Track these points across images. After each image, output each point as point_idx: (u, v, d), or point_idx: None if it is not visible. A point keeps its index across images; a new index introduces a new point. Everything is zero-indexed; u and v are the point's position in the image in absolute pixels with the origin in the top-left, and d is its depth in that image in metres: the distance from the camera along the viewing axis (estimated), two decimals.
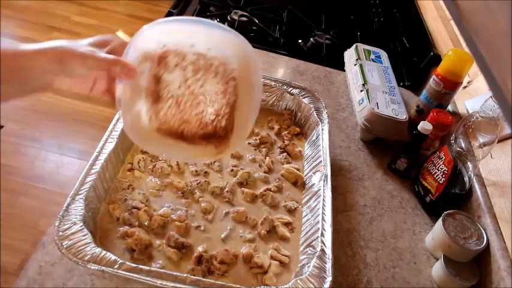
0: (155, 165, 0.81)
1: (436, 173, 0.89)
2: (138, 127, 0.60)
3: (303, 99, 1.00)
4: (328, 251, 0.68)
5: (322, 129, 0.93)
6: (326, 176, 0.81)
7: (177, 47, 0.59)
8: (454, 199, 0.89)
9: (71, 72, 0.55)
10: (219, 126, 0.60)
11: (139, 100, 0.59)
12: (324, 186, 0.80)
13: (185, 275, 0.62)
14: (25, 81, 0.54)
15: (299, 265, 0.71)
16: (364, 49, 1.24)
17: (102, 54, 0.56)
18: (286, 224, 0.78)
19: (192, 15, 1.34)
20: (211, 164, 0.85)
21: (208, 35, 0.59)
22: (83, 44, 0.56)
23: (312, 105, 0.98)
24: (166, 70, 0.59)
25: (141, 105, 0.59)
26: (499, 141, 0.85)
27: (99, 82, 0.61)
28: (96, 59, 0.55)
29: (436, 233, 0.82)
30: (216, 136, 0.61)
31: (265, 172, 0.87)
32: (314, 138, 0.94)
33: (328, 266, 0.66)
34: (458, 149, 0.86)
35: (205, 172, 0.83)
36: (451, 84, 1.04)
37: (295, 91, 1.01)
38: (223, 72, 0.60)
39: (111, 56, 0.56)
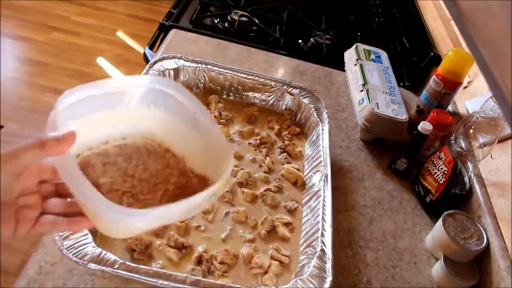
0: None
1: (436, 173, 0.89)
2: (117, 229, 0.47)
3: (303, 99, 1.00)
4: (328, 251, 0.68)
5: (322, 129, 0.93)
6: (326, 176, 0.81)
7: (92, 150, 0.50)
8: (454, 199, 0.89)
9: None
10: (193, 188, 0.51)
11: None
12: (324, 186, 0.80)
13: (185, 275, 0.62)
14: None
15: (299, 265, 0.71)
16: (364, 49, 1.24)
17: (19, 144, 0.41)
18: (286, 224, 0.78)
19: (192, 15, 1.34)
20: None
21: (114, 122, 0.51)
22: None
23: (312, 105, 0.98)
24: (98, 174, 0.49)
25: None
26: (499, 142, 0.85)
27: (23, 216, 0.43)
28: (18, 151, 0.41)
29: (436, 233, 0.82)
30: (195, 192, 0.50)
31: (265, 172, 0.87)
32: (314, 138, 0.94)
33: (328, 266, 0.66)
34: (458, 149, 0.86)
35: None
36: (451, 85, 1.04)
37: (295, 91, 1.01)
38: (154, 149, 0.53)
39: (32, 140, 0.42)
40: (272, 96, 1.02)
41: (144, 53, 1.30)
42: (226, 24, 1.36)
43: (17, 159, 0.40)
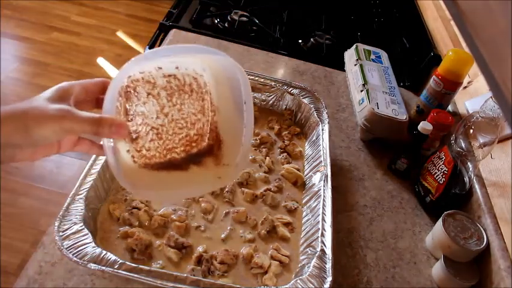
0: None
1: (436, 173, 0.89)
2: (127, 170, 0.53)
3: (303, 99, 1.00)
4: (328, 251, 0.68)
5: (322, 130, 0.93)
6: (326, 176, 0.81)
7: (144, 74, 0.54)
8: (454, 199, 0.89)
9: (40, 140, 0.45)
10: (201, 145, 0.54)
11: (119, 142, 0.53)
12: (324, 186, 0.80)
13: (185, 275, 0.62)
14: None
15: (299, 265, 0.71)
16: (364, 49, 1.24)
17: (81, 113, 0.47)
18: (286, 224, 0.78)
19: (193, 15, 1.34)
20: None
21: (172, 52, 0.55)
22: (45, 104, 0.45)
23: (312, 106, 0.98)
24: (138, 102, 0.53)
25: (121, 146, 0.53)
26: (499, 142, 0.85)
27: (67, 138, 0.52)
28: (76, 121, 0.46)
29: (436, 233, 0.82)
30: (201, 155, 0.55)
31: (265, 172, 0.87)
32: (314, 138, 0.94)
33: (328, 266, 0.66)
34: (458, 149, 0.86)
35: None
36: (451, 85, 1.04)
37: (295, 91, 1.01)
38: (198, 88, 0.55)
39: (92, 116, 0.47)
40: (272, 96, 1.02)
41: None
42: (226, 24, 1.36)
43: (70, 124, 0.46)
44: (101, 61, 2.67)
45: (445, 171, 0.87)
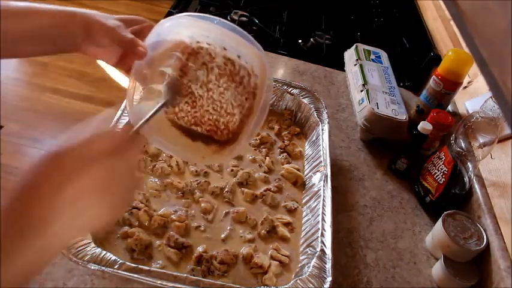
0: (155, 165, 0.81)
1: (436, 173, 0.89)
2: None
3: (303, 100, 1.00)
4: (328, 251, 0.68)
5: (322, 130, 0.93)
6: (326, 176, 0.81)
7: (210, 47, 0.58)
8: (454, 199, 0.89)
9: (94, 41, 0.56)
10: (224, 137, 0.60)
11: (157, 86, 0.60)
12: (324, 186, 0.80)
13: (185, 275, 0.62)
14: (53, 39, 0.56)
15: (299, 265, 0.71)
16: (364, 49, 1.24)
17: (124, 32, 0.57)
18: (286, 224, 0.78)
19: None
20: (211, 164, 0.85)
21: (239, 43, 0.58)
22: (111, 17, 0.58)
23: (312, 106, 0.98)
24: (193, 66, 0.59)
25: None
26: (499, 142, 0.85)
27: (127, 59, 0.60)
28: (117, 35, 0.56)
29: (436, 233, 0.82)
30: (214, 141, 0.61)
31: (265, 172, 0.87)
32: (314, 138, 0.94)
33: (328, 266, 0.66)
34: (458, 149, 0.86)
35: (205, 172, 0.83)
36: (451, 85, 1.04)
37: (295, 91, 1.01)
38: (247, 84, 0.59)
39: (129, 36, 0.57)
40: (272, 96, 1.02)
41: None
42: None
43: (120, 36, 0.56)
44: (101, 61, 2.67)
45: (445, 171, 0.87)
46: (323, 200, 0.77)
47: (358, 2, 1.70)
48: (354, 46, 1.26)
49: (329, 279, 0.64)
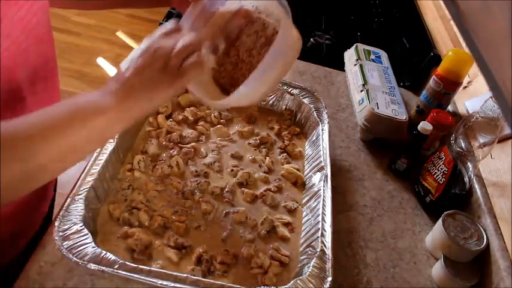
0: (155, 165, 0.81)
1: (436, 173, 0.89)
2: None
3: (303, 100, 1.00)
4: (328, 251, 0.68)
5: (322, 130, 0.93)
6: (326, 176, 0.81)
7: (266, 18, 0.64)
8: (454, 199, 0.89)
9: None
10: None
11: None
12: (324, 186, 0.80)
13: (185, 275, 0.62)
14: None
15: (299, 265, 0.71)
16: (364, 49, 1.24)
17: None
18: (286, 224, 0.78)
19: None
20: (211, 164, 0.85)
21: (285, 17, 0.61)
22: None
23: (312, 106, 0.98)
24: (247, 30, 0.64)
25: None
26: (499, 142, 0.85)
27: None
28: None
29: (436, 233, 0.82)
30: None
31: (265, 172, 0.87)
32: (314, 138, 0.94)
33: (328, 266, 0.66)
34: (458, 149, 0.86)
35: (205, 172, 0.83)
36: (451, 85, 1.04)
37: (295, 91, 1.01)
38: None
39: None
40: (272, 96, 1.02)
41: None
42: None
43: None
44: (101, 61, 2.67)
45: (445, 171, 0.87)
46: (323, 200, 0.77)
47: (358, 2, 1.70)
48: (354, 46, 1.26)
49: (329, 279, 0.64)
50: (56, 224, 0.64)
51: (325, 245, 0.69)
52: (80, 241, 0.62)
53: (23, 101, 0.62)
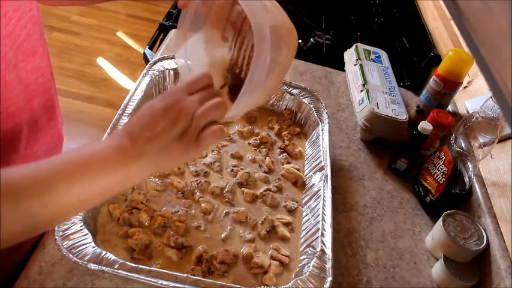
0: None
1: (436, 173, 0.89)
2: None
3: (303, 99, 1.00)
4: (328, 251, 0.68)
5: (322, 130, 0.93)
6: (326, 176, 0.81)
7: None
8: (454, 199, 0.89)
9: None
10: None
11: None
12: (324, 186, 0.80)
13: (185, 275, 0.62)
14: None
15: (299, 265, 0.71)
16: (364, 49, 1.24)
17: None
18: (286, 224, 0.78)
19: None
20: (211, 164, 0.85)
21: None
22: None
23: (312, 105, 0.98)
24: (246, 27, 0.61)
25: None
26: (499, 142, 0.85)
27: None
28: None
29: (436, 233, 0.82)
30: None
31: (265, 172, 0.87)
32: (314, 138, 0.94)
33: (328, 266, 0.66)
34: (458, 149, 0.86)
35: (205, 172, 0.84)
36: (451, 85, 1.04)
37: (295, 91, 1.01)
38: None
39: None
40: (272, 96, 1.02)
41: (144, 53, 1.30)
42: None
43: None
44: (101, 61, 2.67)
45: (445, 171, 0.87)
46: (323, 200, 0.77)
47: (358, 2, 1.70)
48: (354, 46, 1.26)
49: (329, 279, 0.64)
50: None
51: (325, 245, 0.69)
52: (80, 241, 0.62)
53: (20, 118, 0.61)
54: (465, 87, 1.13)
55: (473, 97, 1.09)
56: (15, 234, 0.44)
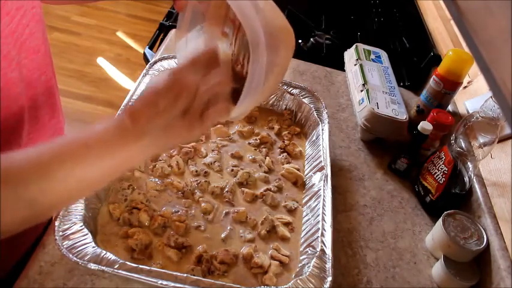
0: (155, 165, 0.81)
1: (436, 173, 0.89)
2: None
3: (303, 99, 1.00)
4: (328, 251, 0.68)
5: (322, 129, 0.93)
6: (326, 176, 0.81)
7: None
8: (454, 199, 0.89)
9: None
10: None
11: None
12: (324, 186, 0.80)
13: (185, 275, 0.62)
14: None
15: (299, 265, 0.71)
16: (364, 49, 1.24)
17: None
18: (286, 224, 0.78)
19: None
20: (211, 164, 0.85)
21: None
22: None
23: (312, 105, 0.98)
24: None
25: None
26: (499, 142, 0.85)
27: None
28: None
29: (436, 233, 0.82)
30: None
31: (265, 172, 0.87)
32: (314, 138, 0.94)
33: (328, 266, 0.66)
34: (458, 149, 0.86)
35: (206, 172, 0.84)
36: (451, 84, 1.04)
37: (295, 91, 1.01)
38: None
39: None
40: (272, 96, 1.02)
41: (144, 53, 1.30)
42: None
43: None
44: (101, 61, 2.67)
45: (445, 171, 0.87)
46: (323, 200, 0.77)
47: (358, 2, 1.70)
48: (354, 46, 1.26)
49: (329, 279, 0.64)
50: (56, 223, 0.64)
51: (325, 245, 0.69)
52: (80, 241, 0.62)
53: (22, 116, 0.60)
54: (465, 87, 1.13)
55: (473, 97, 1.09)
56: (18, 221, 0.43)
